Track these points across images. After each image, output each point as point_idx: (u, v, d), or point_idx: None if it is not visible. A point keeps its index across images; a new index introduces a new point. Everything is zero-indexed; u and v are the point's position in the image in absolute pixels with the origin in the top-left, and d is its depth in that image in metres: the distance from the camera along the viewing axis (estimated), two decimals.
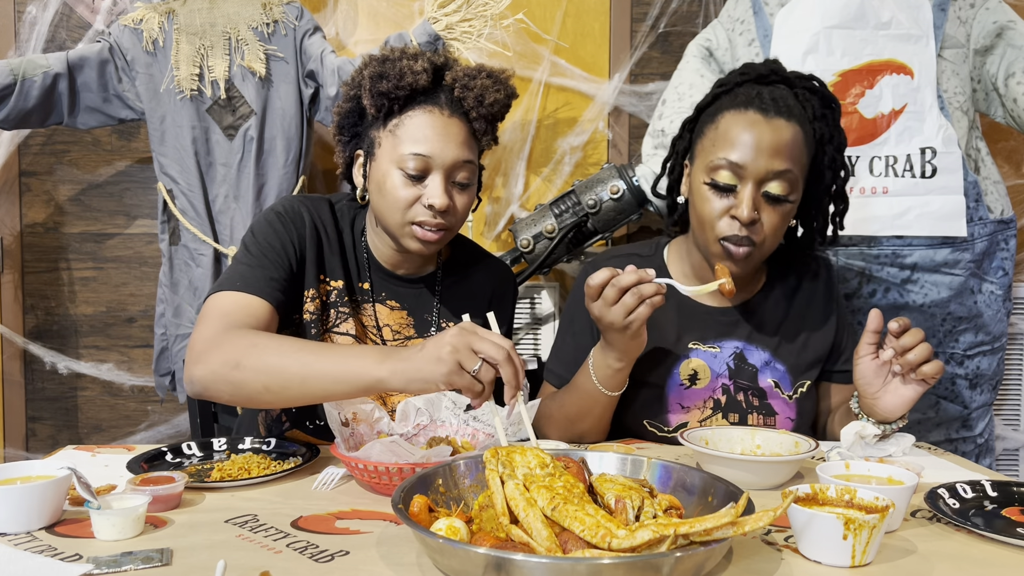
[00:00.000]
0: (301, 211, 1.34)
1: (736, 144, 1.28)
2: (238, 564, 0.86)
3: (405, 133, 1.27)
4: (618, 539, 0.77)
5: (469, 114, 1.29)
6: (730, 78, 1.38)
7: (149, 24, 2.09)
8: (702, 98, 1.40)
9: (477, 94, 1.27)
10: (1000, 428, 2.41)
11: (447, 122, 1.27)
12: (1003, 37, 1.82)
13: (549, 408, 1.41)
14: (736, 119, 1.30)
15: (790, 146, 1.28)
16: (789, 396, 1.42)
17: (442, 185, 1.26)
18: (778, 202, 1.30)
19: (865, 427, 1.24)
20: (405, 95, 1.26)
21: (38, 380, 2.46)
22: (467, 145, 1.29)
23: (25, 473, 1.01)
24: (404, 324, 1.39)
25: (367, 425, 1.24)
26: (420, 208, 1.27)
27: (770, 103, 1.30)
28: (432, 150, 1.26)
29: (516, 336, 2.42)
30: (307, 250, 1.33)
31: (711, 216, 1.31)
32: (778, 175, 1.28)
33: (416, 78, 1.25)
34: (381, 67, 1.27)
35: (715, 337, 1.42)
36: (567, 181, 2.40)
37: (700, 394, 1.40)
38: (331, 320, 1.35)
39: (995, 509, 1.04)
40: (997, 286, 1.87)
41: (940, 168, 1.79)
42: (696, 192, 1.34)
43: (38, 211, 2.44)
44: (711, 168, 1.30)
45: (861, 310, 1.85)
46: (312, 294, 1.33)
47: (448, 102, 1.28)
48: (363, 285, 1.39)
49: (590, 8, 2.41)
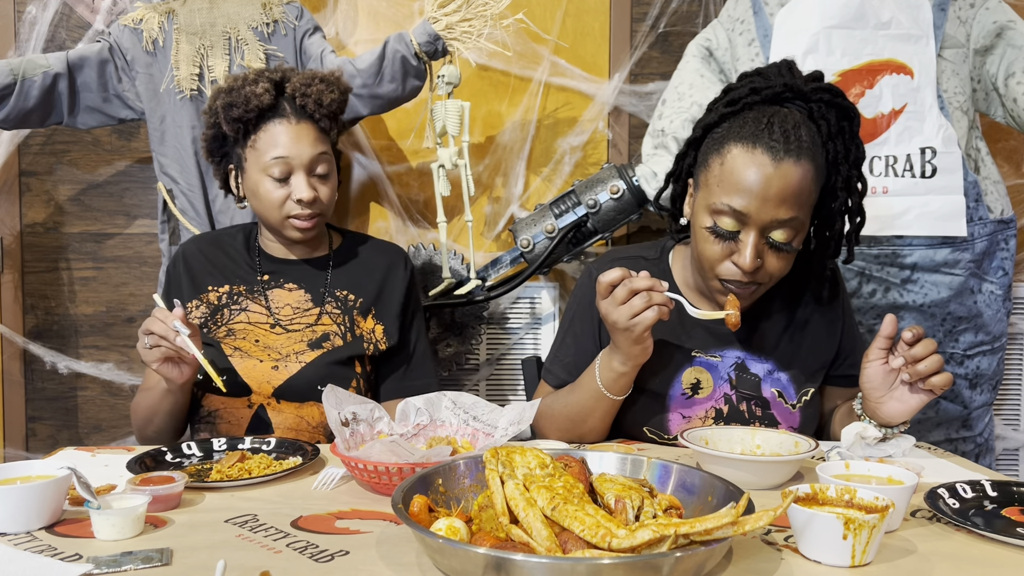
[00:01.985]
0: (175, 257, 1.60)
1: (741, 190, 1.22)
2: (238, 564, 0.86)
3: (263, 145, 1.47)
4: (618, 539, 0.77)
5: (313, 116, 1.49)
6: (740, 94, 1.30)
7: (149, 24, 2.08)
8: (708, 115, 1.34)
9: (315, 98, 1.48)
10: (1000, 428, 2.41)
11: (296, 128, 1.47)
12: (1003, 37, 1.82)
13: (551, 408, 1.41)
14: (743, 159, 1.23)
15: (797, 192, 1.22)
16: (793, 405, 1.40)
17: (305, 180, 1.47)
18: (782, 249, 1.26)
19: (866, 428, 1.24)
20: (255, 115, 1.47)
21: (38, 380, 2.46)
22: (319, 141, 1.49)
23: (25, 473, 1.01)
24: (302, 300, 1.56)
25: (367, 425, 1.24)
26: (291, 204, 1.47)
27: (780, 139, 1.22)
28: (289, 153, 1.46)
29: (516, 336, 2.43)
30: (182, 282, 1.56)
31: (711, 259, 1.28)
32: (783, 224, 1.23)
33: (260, 99, 1.45)
34: (229, 97, 1.47)
35: (716, 346, 1.40)
36: (567, 181, 2.40)
37: (702, 404, 1.39)
38: (225, 317, 1.53)
39: (995, 509, 1.04)
40: (997, 286, 1.87)
41: (940, 168, 1.79)
42: (697, 230, 1.30)
43: (38, 211, 2.44)
44: (713, 211, 1.26)
45: (861, 310, 1.85)
46: (195, 303, 1.54)
47: (293, 110, 1.48)
48: (263, 277, 1.57)
49: (590, 8, 2.41)
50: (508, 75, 2.40)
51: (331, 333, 1.53)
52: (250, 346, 1.49)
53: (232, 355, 1.48)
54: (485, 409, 1.27)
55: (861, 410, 1.28)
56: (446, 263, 2.19)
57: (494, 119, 2.42)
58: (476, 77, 2.39)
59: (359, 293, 1.57)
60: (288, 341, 1.51)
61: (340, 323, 1.54)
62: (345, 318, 1.55)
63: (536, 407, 1.21)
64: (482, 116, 2.41)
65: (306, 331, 1.52)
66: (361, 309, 1.56)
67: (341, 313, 1.55)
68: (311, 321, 1.53)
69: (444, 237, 2.17)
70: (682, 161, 1.39)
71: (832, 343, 1.44)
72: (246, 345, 1.49)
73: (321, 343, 1.51)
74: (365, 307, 1.57)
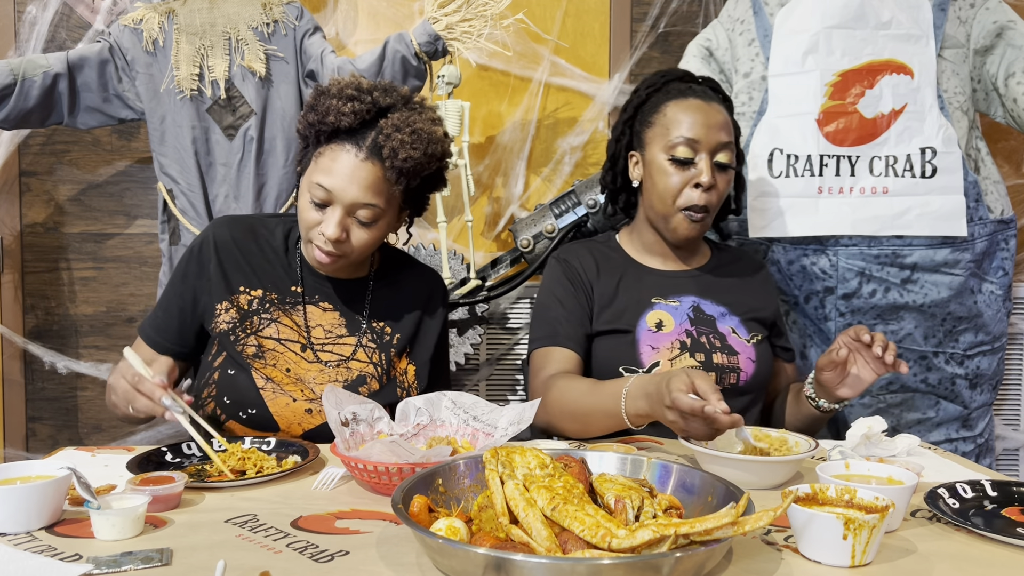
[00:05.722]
0: (204, 239, 1.46)
1: (687, 124, 1.50)
2: (238, 564, 0.86)
3: (320, 164, 1.34)
4: (618, 539, 0.77)
5: (384, 162, 1.33)
6: (655, 79, 1.60)
7: (149, 24, 2.08)
8: (633, 99, 1.61)
9: (393, 146, 1.31)
10: (1000, 428, 2.41)
11: (359, 164, 1.32)
12: (1003, 37, 1.82)
13: (564, 395, 1.38)
14: (681, 106, 1.52)
15: (726, 124, 1.53)
16: (747, 340, 1.55)
17: (337, 219, 1.33)
18: (726, 169, 1.53)
19: (872, 426, 1.23)
20: (328, 131, 1.34)
21: (38, 380, 2.46)
22: (374, 189, 1.33)
23: (25, 473, 1.01)
24: (336, 324, 1.46)
25: (367, 425, 1.24)
26: (317, 232, 1.36)
27: (703, 91, 1.55)
28: (335, 185, 1.32)
29: (516, 336, 2.43)
30: (210, 271, 1.44)
31: (674, 188, 1.51)
32: (725, 146, 1.51)
33: (339, 119, 1.31)
34: (315, 99, 1.36)
35: (673, 293, 1.58)
36: (567, 181, 2.40)
37: (667, 337, 1.51)
38: (255, 325, 1.42)
39: (995, 509, 1.04)
40: (997, 286, 1.87)
41: (940, 168, 1.79)
42: (657, 169, 1.53)
43: (38, 211, 2.44)
44: (669, 147, 1.51)
45: (861, 310, 1.85)
46: (225, 306, 1.43)
47: (371, 145, 1.32)
48: (296, 288, 1.46)
49: (590, 8, 2.41)
50: (508, 75, 2.40)
51: (368, 376, 1.44)
52: (282, 376, 1.39)
53: (264, 387, 1.38)
54: (485, 409, 1.27)
55: (812, 392, 1.43)
56: (446, 263, 2.19)
57: (494, 119, 2.42)
58: (476, 77, 2.39)
59: (396, 328, 1.49)
60: (322, 377, 1.41)
61: (376, 363, 1.45)
62: (381, 356, 1.46)
63: (536, 407, 1.21)
64: (482, 116, 2.41)
65: (341, 368, 1.43)
66: (397, 348, 1.48)
67: (377, 349, 1.46)
68: (345, 354, 1.44)
69: (444, 237, 2.17)
70: (619, 141, 1.62)
71: (768, 312, 1.62)
72: (278, 376, 1.39)
73: (357, 387, 1.42)
74: (401, 346, 1.49)
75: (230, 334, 1.41)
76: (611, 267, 1.59)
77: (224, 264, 1.44)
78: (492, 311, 2.39)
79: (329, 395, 1.19)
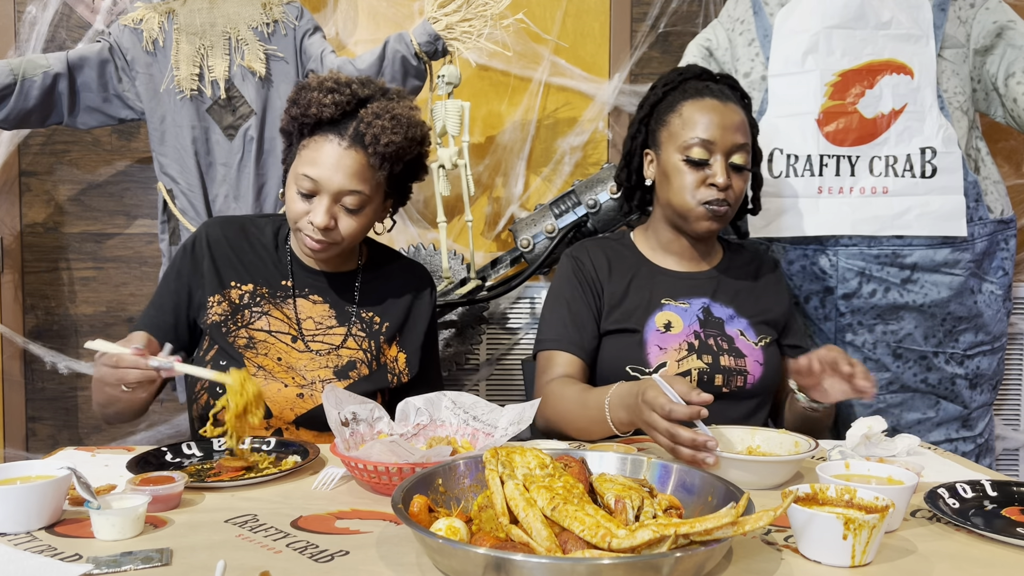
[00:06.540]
0: (197, 237, 1.51)
1: (703, 125, 1.49)
2: (238, 564, 0.86)
3: (304, 155, 1.39)
4: (618, 539, 0.77)
5: (367, 148, 1.37)
6: (672, 77, 1.58)
7: (149, 24, 2.09)
8: (650, 96, 1.59)
9: (375, 133, 1.36)
10: (1000, 428, 2.41)
11: (343, 152, 1.37)
12: (1003, 37, 1.82)
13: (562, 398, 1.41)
14: (697, 105, 1.51)
15: (742, 124, 1.52)
16: (755, 343, 1.54)
17: (324, 207, 1.37)
18: (741, 171, 1.52)
19: (872, 426, 1.23)
20: (311, 123, 1.39)
21: (38, 380, 2.46)
22: (359, 176, 1.38)
23: (25, 473, 1.01)
24: (326, 316, 1.50)
25: (367, 425, 1.24)
26: (306, 221, 1.39)
27: (720, 91, 1.53)
28: (320, 175, 1.36)
29: (516, 336, 2.43)
30: (203, 268, 1.47)
31: (690, 187, 1.50)
32: (740, 147, 1.50)
33: (321, 110, 1.36)
34: (296, 94, 1.40)
35: (684, 295, 1.57)
36: (567, 181, 2.40)
37: (675, 338, 1.51)
38: (246, 318, 1.46)
39: (995, 509, 1.04)
40: (997, 286, 1.87)
41: (940, 168, 1.79)
42: (672, 169, 1.52)
43: (38, 211, 2.44)
44: (684, 147, 1.50)
45: (861, 310, 1.85)
46: (217, 299, 1.46)
47: (353, 134, 1.37)
48: (286, 282, 1.50)
49: (590, 8, 2.41)
50: (508, 75, 2.40)
51: (357, 361, 1.47)
52: (273, 365, 1.43)
53: (256, 374, 1.41)
54: (485, 409, 1.27)
55: (796, 385, 1.42)
56: (446, 263, 2.19)
57: (494, 119, 2.42)
58: (476, 77, 2.39)
59: (385, 316, 1.53)
60: (312, 364, 1.44)
61: (366, 349, 1.49)
62: (371, 343, 1.49)
63: (536, 407, 1.21)
64: (482, 116, 2.41)
65: (331, 355, 1.46)
66: (387, 336, 1.52)
67: (367, 337, 1.50)
68: (335, 343, 1.47)
69: (444, 237, 2.17)
70: (635, 139, 1.62)
71: (781, 309, 1.61)
72: (269, 364, 1.42)
73: (347, 372, 1.45)
74: (390, 334, 1.52)
75: (221, 326, 1.45)
76: (623, 266, 1.59)
77: (216, 260, 1.48)
78: (492, 311, 2.39)
79: (329, 395, 1.19)
